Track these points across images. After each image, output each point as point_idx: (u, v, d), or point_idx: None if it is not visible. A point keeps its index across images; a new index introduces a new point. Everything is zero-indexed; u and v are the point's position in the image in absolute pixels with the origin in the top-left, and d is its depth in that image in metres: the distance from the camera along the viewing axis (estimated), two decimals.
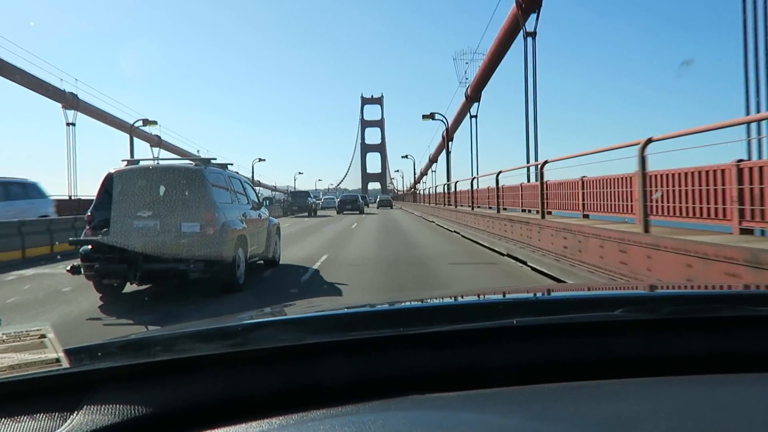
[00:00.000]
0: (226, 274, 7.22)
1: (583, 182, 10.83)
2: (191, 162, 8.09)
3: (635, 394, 0.86)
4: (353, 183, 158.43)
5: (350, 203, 40.76)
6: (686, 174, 7.09)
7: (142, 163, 7.96)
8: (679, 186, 7.22)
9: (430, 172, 73.92)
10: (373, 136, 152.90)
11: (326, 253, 12.22)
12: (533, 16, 24.81)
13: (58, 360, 0.90)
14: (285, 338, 1.03)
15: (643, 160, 6.42)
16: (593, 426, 0.75)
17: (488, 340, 1.04)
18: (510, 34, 28.53)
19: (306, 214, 37.91)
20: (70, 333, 5.32)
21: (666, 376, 0.92)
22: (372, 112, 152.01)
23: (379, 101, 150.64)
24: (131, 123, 36.50)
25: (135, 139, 41.19)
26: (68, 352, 0.91)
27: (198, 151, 55.46)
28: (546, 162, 11.05)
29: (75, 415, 0.86)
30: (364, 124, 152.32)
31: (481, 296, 1.67)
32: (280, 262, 10.28)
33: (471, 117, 39.41)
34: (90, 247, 6.79)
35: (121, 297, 7.26)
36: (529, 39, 25.06)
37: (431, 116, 31.19)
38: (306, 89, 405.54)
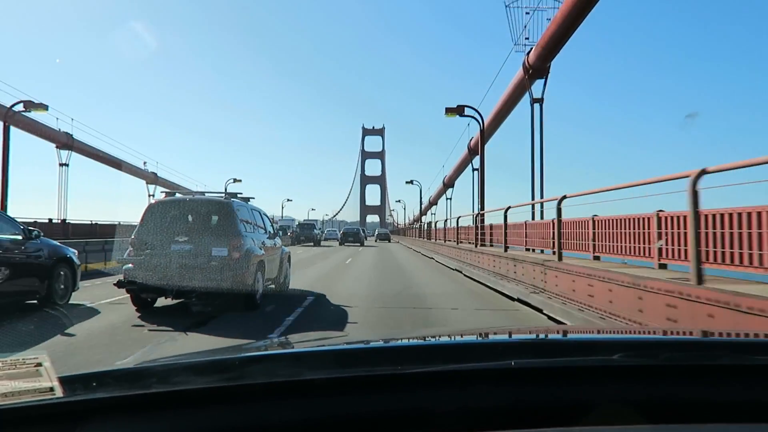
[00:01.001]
0: (247, 293, 8.41)
1: None
2: (221, 195, 9.37)
3: None
4: (351, 215, 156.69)
5: (352, 236, 43.71)
6: None
7: (177, 195, 9.30)
8: None
9: (443, 198, 63.26)
10: (373, 167, 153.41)
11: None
12: None
13: (52, 389, 0.90)
14: (281, 373, 1.04)
15: None
16: None
17: (486, 381, 1.03)
18: None
19: (311, 243, 40.54)
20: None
21: (663, 423, 0.93)
22: (373, 144, 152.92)
23: (380, 132, 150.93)
24: (7, 107, 23.40)
25: (33, 136, 31.93)
26: (63, 381, 0.92)
27: (144, 163, 49.52)
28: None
29: None
30: (365, 155, 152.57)
31: (480, 336, 1.65)
32: (290, 286, 11.40)
33: (533, 102, 24.22)
34: (131, 265, 8.01)
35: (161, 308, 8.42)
36: None
37: (459, 110, 19.92)
38: (302, 115, 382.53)
